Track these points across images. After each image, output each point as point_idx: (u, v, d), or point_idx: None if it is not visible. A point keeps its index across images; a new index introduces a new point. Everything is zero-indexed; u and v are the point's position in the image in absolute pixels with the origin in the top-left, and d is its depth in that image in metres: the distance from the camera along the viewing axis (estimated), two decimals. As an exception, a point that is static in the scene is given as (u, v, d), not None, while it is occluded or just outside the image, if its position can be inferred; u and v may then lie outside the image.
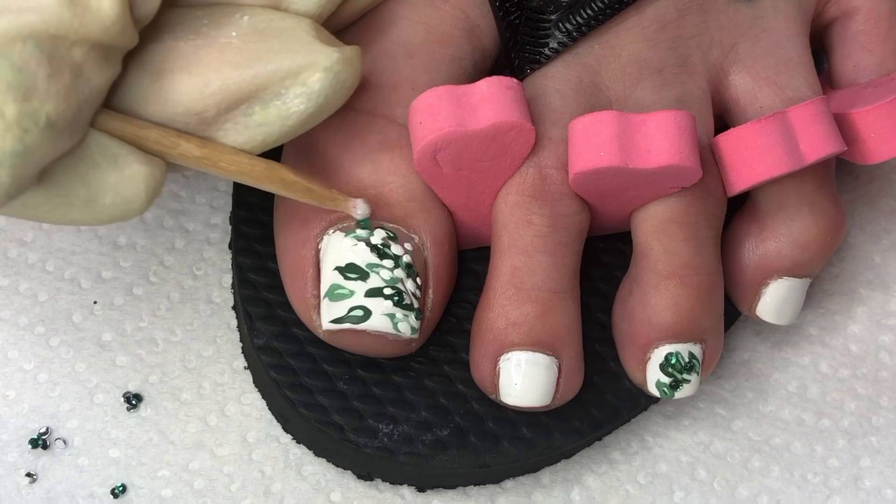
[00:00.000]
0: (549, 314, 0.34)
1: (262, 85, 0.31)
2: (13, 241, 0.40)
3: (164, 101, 0.31)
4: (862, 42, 0.38)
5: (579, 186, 0.34)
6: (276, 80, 0.31)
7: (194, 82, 0.30)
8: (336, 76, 0.31)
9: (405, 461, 0.35)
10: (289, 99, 0.31)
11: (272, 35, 0.31)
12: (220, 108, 0.31)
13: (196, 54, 0.30)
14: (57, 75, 0.28)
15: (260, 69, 0.30)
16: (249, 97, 0.31)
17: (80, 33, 0.28)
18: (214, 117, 0.31)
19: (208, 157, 0.31)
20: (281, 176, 0.32)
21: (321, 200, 0.33)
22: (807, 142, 0.35)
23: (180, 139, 0.31)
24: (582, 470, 0.38)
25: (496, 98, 0.33)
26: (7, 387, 0.38)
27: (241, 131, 0.31)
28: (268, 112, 0.31)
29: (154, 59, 0.31)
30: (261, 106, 0.31)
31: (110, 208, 0.30)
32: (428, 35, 0.35)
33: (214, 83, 0.30)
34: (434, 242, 0.35)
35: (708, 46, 0.36)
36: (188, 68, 0.30)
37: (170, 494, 0.37)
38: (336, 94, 0.31)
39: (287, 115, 0.31)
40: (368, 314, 0.33)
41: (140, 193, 0.30)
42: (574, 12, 0.35)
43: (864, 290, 0.41)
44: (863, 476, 0.39)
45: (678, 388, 0.35)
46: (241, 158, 0.32)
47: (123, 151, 0.30)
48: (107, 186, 0.30)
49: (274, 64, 0.31)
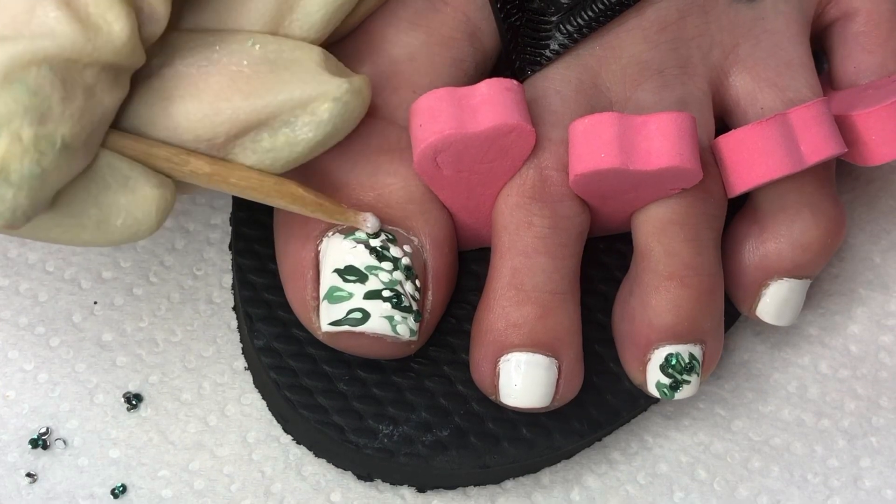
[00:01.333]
0: (549, 315, 0.34)
1: (272, 114, 0.31)
2: (13, 241, 0.40)
3: (173, 128, 0.31)
4: (862, 43, 0.38)
5: (580, 188, 0.34)
6: (285, 110, 0.31)
7: (204, 110, 0.31)
8: (345, 106, 0.31)
9: (405, 462, 0.35)
10: (297, 127, 0.31)
11: (282, 65, 0.31)
12: (229, 135, 0.31)
13: (206, 81, 0.31)
14: (71, 98, 0.28)
15: (270, 99, 0.31)
16: (259, 125, 0.31)
17: (93, 56, 0.28)
18: (223, 143, 0.31)
19: (218, 173, 0.31)
20: (291, 191, 0.33)
21: (331, 215, 0.33)
22: (807, 143, 0.35)
23: (190, 156, 0.31)
24: (582, 470, 0.38)
25: (496, 100, 0.33)
26: (7, 387, 0.38)
27: (249, 156, 0.32)
28: (276, 139, 0.31)
29: (165, 85, 0.31)
30: (269, 133, 0.31)
31: (121, 229, 0.30)
32: (429, 37, 0.35)
33: (225, 112, 0.31)
34: (434, 244, 0.35)
35: (709, 48, 0.36)
36: (199, 95, 0.31)
37: (170, 495, 0.37)
38: (344, 123, 0.32)
39: (295, 142, 0.31)
40: (367, 316, 0.33)
41: (151, 215, 0.31)
42: (575, 14, 0.35)
43: (864, 291, 0.41)
44: (863, 476, 0.39)
45: (678, 389, 0.35)
46: (251, 174, 0.32)
47: (135, 174, 0.30)
48: (118, 208, 0.30)
49: (284, 94, 0.31)
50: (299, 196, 0.33)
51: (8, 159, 0.27)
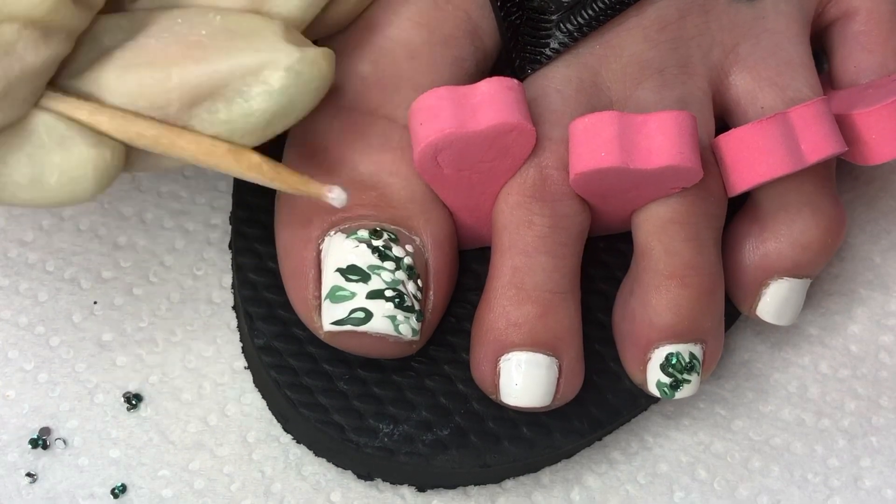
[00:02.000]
0: (549, 314, 0.34)
1: (223, 81, 0.31)
2: (13, 241, 0.40)
3: (127, 94, 0.31)
4: (863, 43, 0.38)
5: (580, 187, 0.34)
6: (237, 77, 0.31)
7: (156, 75, 0.31)
8: (298, 75, 0.31)
9: (405, 461, 0.35)
10: (251, 97, 0.31)
11: (240, 35, 0.31)
12: (182, 102, 0.31)
13: (164, 51, 0.31)
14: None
15: (220, 65, 0.31)
16: (212, 93, 0.31)
17: (6, 12, 0.28)
18: (178, 112, 0.31)
19: (165, 135, 0.31)
20: (248, 158, 0.32)
21: (292, 185, 0.32)
22: (808, 142, 0.35)
23: (137, 118, 0.31)
24: (582, 470, 0.38)
25: (497, 99, 0.33)
26: (7, 387, 0.38)
27: (206, 128, 0.31)
28: (231, 109, 0.31)
29: (125, 55, 0.31)
30: (224, 103, 0.31)
31: (56, 188, 0.30)
32: (430, 36, 0.35)
33: (175, 77, 0.31)
34: (435, 244, 0.35)
35: (709, 47, 0.36)
36: (153, 63, 0.31)
37: (170, 494, 0.37)
38: (301, 95, 0.31)
39: (249, 112, 0.31)
40: (370, 316, 0.33)
41: (87, 174, 0.30)
42: (575, 13, 0.35)
43: (864, 291, 0.41)
44: (863, 476, 0.39)
45: (678, 389, 0.35)
46: (201, 137, 0.31)
47: (71, 133, 0.30)
48: (52, 166, 0.30)
49: (235, 60, 0.31)
50: (255, 164, 0.32)
51: None
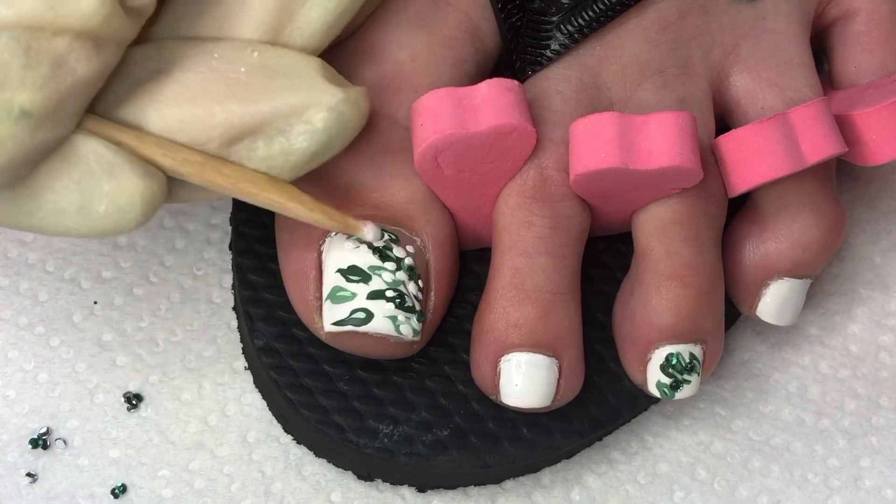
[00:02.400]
0: (549, 315, 0.34)
1: (266, 120, 0.31)
2: (13, 241, 0.40)
3: (167, 129, 0.31)
4: (863, 43, 0.38)
5: (580, 188, 0.34)
6: (280, 117, 0.31)
7: (199, 113, 0.30)
8: (340, 115, 0.31)
9: (405, 461, 0.35)
10: (292, 136, 0.31)
11: (280, 72, 0.31)
12: (222, 140, 0.31)
13: (203, 87, 0.31)
14: (34, 66, 0.28)
15: (264, 105, 0.31)
16: (253, 132, 0.31)
17: (59, 24, 0.28)
18: (217, 149, 0.31)
19: (210, 162, 0.31)
20: (288, 189, 0.32)
21: (331, 218, 0.33)
22: (808, 143, 0.35)
23: (182, 147, 0.31)
24: (582, 470, 0.38)
25: (497, 100, 0.33)
26: (7, 387, 0.38)
27: (245, 164, 0.31)
28: (271, 147, 0.31)
29: (161, 89, 0.31)
30: (264, 141, 0.31)
31: (104, 217, 0.30)
32: (430, 37, 0.35)
33: (218, 115, 0.30)
34: (436, 244, 0.35)
35: (709, 47, 0.36)
36: (194, 99, 0.30)
37: (170, 494, 0.37)
38: (340, 134, 0.31)
39: (290, 151, 0.31)
40: (370, 317, 0.33)
41: (135, 204, 0.30)
42: (575, 14, 0.35)
43: (864, 291, 0.41)
44: (863, 476, 0.39)
45: (678, 389, 0.35)
46: (244, 167, 0.31)
47: (121, 161, 0.30)
48: (101, 194, 0.30)
49: (279, 100, 0.31)
50: (295, 195, 0.32)
51: None
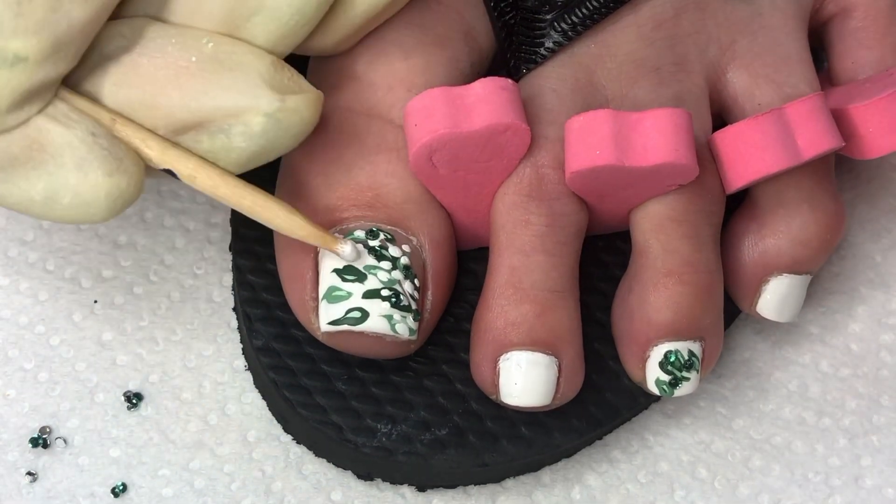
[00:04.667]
0: (548, 313, 0.34)
1: (206, 118, 0.31)
2: (13, 240, 0.40)
3: (120, 111, 0.31)
4: (860, 39, 0.38)
5: (576, 185, 0.34)
6: (220, 116, 0.31)
7: (144, 100, 0.31)
8: (278, 122, 0.31)
9: (404, 461, 0.35)
10: (232, 135, 0.31)
11: (227, 68, 0.31)
12: (168, 129, 0.32)
13: (153, 73, 0.31)
14: (26, 14, 0.29)
15: (205, 102, 0.31)
16: (196, 126, 0.31)
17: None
18: (166, 136, 0.32)
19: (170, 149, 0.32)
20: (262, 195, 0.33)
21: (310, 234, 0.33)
22: (804, 138, 0.35)
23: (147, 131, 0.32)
24: (583, 469, 0.38)
25: (491, 99, 0.33)
26: (7, 386, 0.38)
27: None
28: (214, 142, 0.32)
29: (119, 71, 0.31)
30: (208, 136, 0.32)
31: (68, 209, 0.31)
32: (424, 37, 0.35)
33: (162, 107, 0.31)
34: (432, 244, 0.35)
35: (705, 44, 0.36)
36: (143, 86, 0.31)
37: (170, 493, 0.37)
38: (282, 139, 0.32)
39: (230, 148, 0.32)
40: (366, 316, 0.33)
41: (99, 200, 0.31)
42: (569, 11, 0.35)
43: (865, 289, 0.41)
44: (864, 475, 0.38)
45: (678, 386, 0.35)
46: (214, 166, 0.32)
47: (91, 157, 0.31)
48: (68, 187, 0.31)
49: (218, 101, 0.31)
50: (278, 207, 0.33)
51: None
